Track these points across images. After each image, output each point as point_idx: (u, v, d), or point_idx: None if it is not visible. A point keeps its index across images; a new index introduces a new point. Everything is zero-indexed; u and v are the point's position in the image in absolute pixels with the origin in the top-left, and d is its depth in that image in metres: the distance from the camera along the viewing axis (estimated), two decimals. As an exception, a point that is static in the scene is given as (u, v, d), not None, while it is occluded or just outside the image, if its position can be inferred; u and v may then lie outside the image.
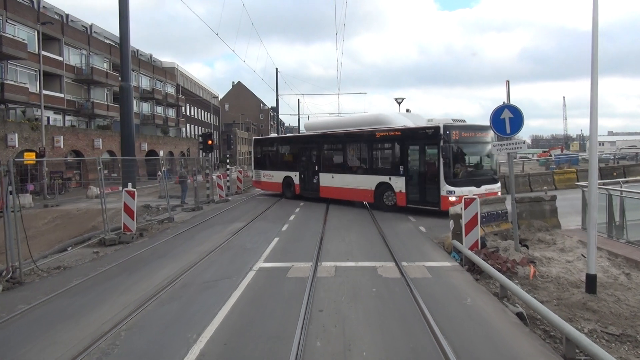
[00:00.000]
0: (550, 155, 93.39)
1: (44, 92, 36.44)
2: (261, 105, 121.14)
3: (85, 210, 20.40)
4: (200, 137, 22.98)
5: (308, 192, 20.34)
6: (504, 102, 9.14)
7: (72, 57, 40.73)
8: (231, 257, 9.69)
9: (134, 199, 12.08)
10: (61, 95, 38.68)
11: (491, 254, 8.85)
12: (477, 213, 9.41)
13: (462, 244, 9.46)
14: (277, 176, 22.03)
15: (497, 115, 9.10)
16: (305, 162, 20.62)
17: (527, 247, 9.95)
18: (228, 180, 26.24)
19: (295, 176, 20.91)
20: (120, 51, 13.67)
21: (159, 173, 37.79)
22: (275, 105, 55.03)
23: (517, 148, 9.16)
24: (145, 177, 40.88)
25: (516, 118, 9.00)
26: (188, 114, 69.12)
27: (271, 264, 8.99)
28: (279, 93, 49.20)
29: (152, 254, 10.24)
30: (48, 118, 37.89)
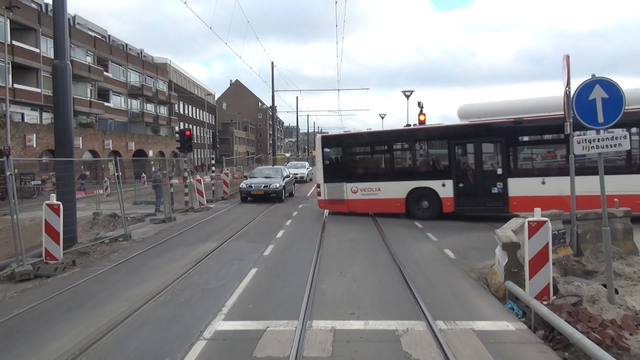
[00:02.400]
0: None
1: (18, 86, 33.44)
2: (260, 104, 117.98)
3: (39, 221, 17.20)
4: (177, 134, 19.64)
5: (478, 207, 14.23)
6: (593, 75, 5.95)
7: (52, 49, 37.58)
8: (178, 308, 6.51)
9: (59, 216, 8.91)
10: (38, 90, 35.57)
11: (577, 311, 5.68)
12: (548, 243, 6.24)
13: (523, 289, 6.32)
14: (393, 189, 14.97)
15: (583, 94, 5.92)
16: (468, 165, 14.66)
17: (616, 291, 6.77)
18: (213, 184, 23.11)
19: (444, 186, 14.33)
20: (54, 19, 10.53)
21: (143, 175, 34.67)
22: (274, 104, 51.73)
23: (615, 146, 5.97)
24: (132, 179, 37.70)
25: (613, 100, 5.82)
26: (181, 112, 65.93)
27: (235, 324, 5.82)
28: (275, 90, 45.90)
29: (66, 300, 7.05)
30: (22, 115, 34.86)
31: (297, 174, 35.15)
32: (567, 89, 8.81)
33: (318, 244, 10.82)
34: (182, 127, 66.11)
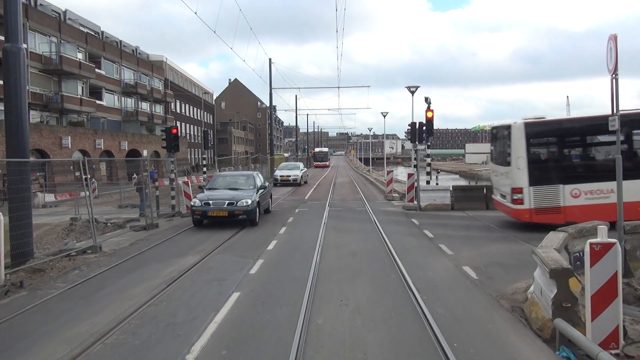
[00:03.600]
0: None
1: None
2: (259, 103, 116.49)
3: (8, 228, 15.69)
4: (163, 132, 18.03)
5: None
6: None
7: (41, 45, 36.10)
8: (129, 355, 4.99)
9: (-1, 229, 7.39)
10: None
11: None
12: (617, 273, 4.73)
13: (580, 329, 4.81)
14: (635, 190, 10.97)
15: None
16: None
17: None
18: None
19: None
20: (5, -3, 8.99)
21: (134, 176, 33.12)
22: (271, 102, 50.17)
23: None
24: (125, 179, 36.13)
25: None
26: (178, 111, 64.38)
27: (198, 384, 4.31)
28: (274, 88, 44.35)
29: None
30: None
31: (290, 176, 30.79)
32: (614, 75, 7.32)
33: (314, 258, 9.28)
34: (179, 126, 64.45)
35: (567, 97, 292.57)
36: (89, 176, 11.30)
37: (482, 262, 8.93)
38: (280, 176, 30.62)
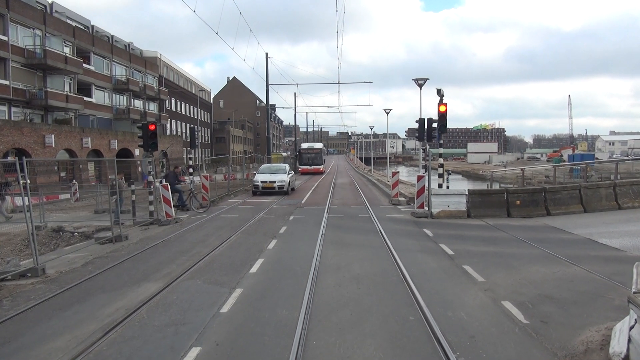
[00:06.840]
0: (562, 155, 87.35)
1: (-20, 77, 29.91)
2: (257, 102, 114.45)
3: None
4: (140, 128, 15.89)
5: None
6: None
7: (25, 38, 34.06)
8: None
9: None
10: (6, 82, 31.94)
11: None
12: None
13: None
14: None
15: None
16: None
17: None
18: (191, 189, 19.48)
19: None
20: None
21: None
22: (268, 98, 48.15)
23: None
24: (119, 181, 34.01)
25: None
26: (173, 109, 62.34)
27: None
28: (271, 84, 42.27)
29: None
30: (-14, 109, 31.34)
31: (275, 182, 23.75)
32: None
33: (308, 286, 7.23)
34: (174, 124, 62.44)
35: (569, 96, 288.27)
36: (27, 181, 9.21)
37: (525, 294, 6.87)
38: (261, 182, 24.08)
